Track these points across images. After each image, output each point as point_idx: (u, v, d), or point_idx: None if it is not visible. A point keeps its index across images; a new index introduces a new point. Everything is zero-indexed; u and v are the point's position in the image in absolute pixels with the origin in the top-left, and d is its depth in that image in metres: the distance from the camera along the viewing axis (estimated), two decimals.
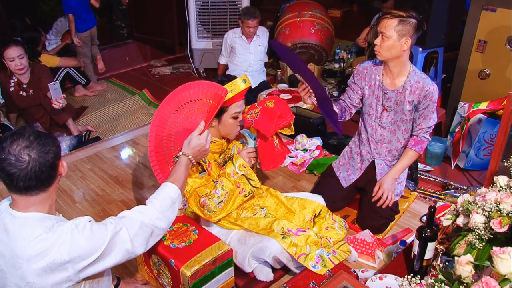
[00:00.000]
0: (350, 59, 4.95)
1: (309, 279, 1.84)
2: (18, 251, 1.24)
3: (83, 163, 3.00)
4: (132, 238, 1.39)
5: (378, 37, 2.08)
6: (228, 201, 1.87)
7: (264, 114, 2.00)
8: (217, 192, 1.85)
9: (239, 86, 1.85)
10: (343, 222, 2.20)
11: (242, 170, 1.91)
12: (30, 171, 1.23)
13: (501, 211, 1.49)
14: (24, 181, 1.23)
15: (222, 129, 1.95)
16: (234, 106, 1.88)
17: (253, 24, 4.05)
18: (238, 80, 1.86)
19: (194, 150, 1.68)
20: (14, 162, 1.21)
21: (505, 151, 2.23)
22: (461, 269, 1.33)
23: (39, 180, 1.25)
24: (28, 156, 1.23)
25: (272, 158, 2.05)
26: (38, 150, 1.24)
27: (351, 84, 2.32)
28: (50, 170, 1.27)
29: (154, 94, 4.39)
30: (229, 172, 1.90)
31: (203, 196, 1.85)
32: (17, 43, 3.23)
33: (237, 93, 1.85)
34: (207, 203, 1.83)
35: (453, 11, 3.29)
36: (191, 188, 1.87)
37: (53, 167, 1.29)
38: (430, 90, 2.10)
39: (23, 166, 1.22)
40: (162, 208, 1.50)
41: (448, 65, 3.78)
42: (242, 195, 1.91)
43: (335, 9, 7.30)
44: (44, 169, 1.25)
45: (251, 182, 1.94)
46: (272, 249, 1.86)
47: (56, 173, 1.31)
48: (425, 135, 2.21)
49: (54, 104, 3.15)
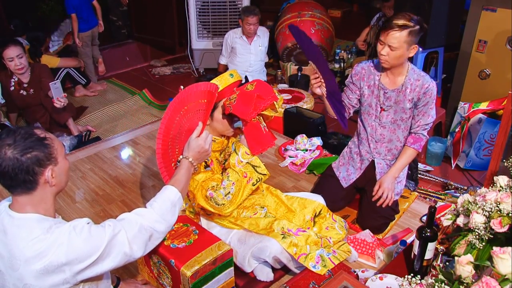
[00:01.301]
0: (350, 59, 4.95)
1: (309, 279, 1.84)
2: (15, 252, 1.24)
3: (83, 163, 3.00)
4: (130, 241, 1.37)
5: (385, 48, 2.02)
6: (237, 193, 1.84)
7: (242, 98, 1.87)
8: (223, 184, 1.82)
9: (226, 80, 1.84)
10: (343, 222, 2.20)
11: (246, 158, 1.87)
12: (3, 169, 1.22)
13: (501, 211, 1.49)
14: (1, 178, 1.24)
15: (217, 127, 1.93)
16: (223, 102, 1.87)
17: (253, 21, 4.05)
18: (226, 74, 1.85)
19: (194, 152, 1.67)
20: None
21: (505, 151, 2.23)
22: (461, 269, 1.33)
23: (13, 181, 1.23)
24: (4, 154, 1.21)
25: (260, 141, 1.94)
26: (16, 150, 1.22)
27: (349, 84, 2.31)
28: (25, 174, 1.23)
29: (154, 94, 4.40)
30: (233, 163, 1.87)
31: (209, 188, 1.83)
32: (16, 43, 3.23)
33: (226, 87, 1.83)
34: (213, 195, 1.81)
35: (453, 11, 3.29)
36: (197, 183, 1.86)
37: (29, 172, 1.23)
38: (430, 87, 2.11)
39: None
40: (162, 211, 1.49)
41: (448, 65, 3.78)
42: (250, 184, 1.87)
43: (335, 9, 7.30)
44: (17, 171, 1.22)
45: (257, 169, 1.90)
46: (272, 249, 1.86)
47: (36, 178, 1.26)
48: (423, 133, 2.21)
49: (56, 103, 3.16)
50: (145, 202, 1.55)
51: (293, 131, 3.22)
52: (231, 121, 1.92)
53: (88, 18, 4.41)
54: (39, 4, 4.97)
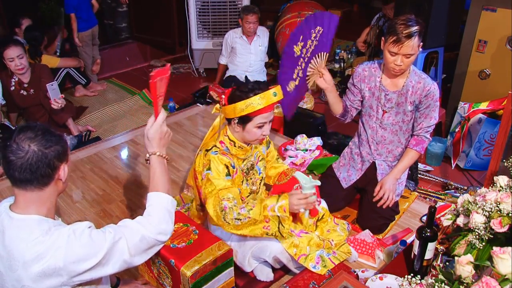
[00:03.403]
0: (350, 59, 4.95)
1: (309, 279, 1.84)
2: (14, 254, 1.24)
3: (83, 163, 3.00)
4: (130, 249, 1.35)
5: (399, 58, 2.00)
6: (246, 226, 1.75)
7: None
8: (241, 210, 1.73)
9: (270, 99, 1.78)
10: (346, 225, 2.21)
11: (281, 213, 1.74)
12: (26, 162, 1.23)
13: (501, 211, 1.49)
14: (19, 171, 1.23)
15: (246, 136, 1.88)
16: (260, 117, 1.81)
17: (252, 20, 4.05)
18: (270, 91, 1.79)
19: (156, 142, 1.51)
20: (15, 150, 1.23)
21: (505, 151, 2.23)
22: (461, 269, 1.33)
23: (33, 174, 1.24)
24: (28, 146, 1.23)
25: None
26: (40, 143, 1.24)
27: (351, 86, 2.31)
28: (46, 167, 1.26)
29: None
30: (266, 204, 1.74)
31: (225, 199, 1.75)
32: (16, 43, 3.23)
33: (267, 106, 1.79)
34: (226, 210, 1.73)
35: (453, 11, 3.29)
36: (214, 188, 1.78)
37: (51, 166, 1.27)
38: (431, 89, 2.10)
39: (21, 155, 1.22)
40: (161, 222, 1.44)
41: (448, 65, 3.78)
42: (264, 231, 1.76)
43: (335, 9, 7.27)
44: (40, 164, 1.24)
45: (281, 227, 1.77)
46: (273, 249, 1.86)
47: (53, 173, 1.29)
48: (426, 135, 2.21)
49: (53, 104, 3.16)
50: (145, 202, 1.53)
51: (293, 131, 3.22)
52: (261, 134, 1.88)
53: (88, 18, 4.40)
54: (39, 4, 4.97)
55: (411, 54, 1.99)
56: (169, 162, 1.64)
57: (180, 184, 2.72)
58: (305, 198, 1.76)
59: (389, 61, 2.04)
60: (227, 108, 1.83)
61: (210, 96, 3.94)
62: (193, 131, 3.42)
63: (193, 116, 3.71)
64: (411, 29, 1.94)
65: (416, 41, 1.96)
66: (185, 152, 3.11)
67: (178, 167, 2.92)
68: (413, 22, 1.96)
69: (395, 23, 1.98)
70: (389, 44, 1.99)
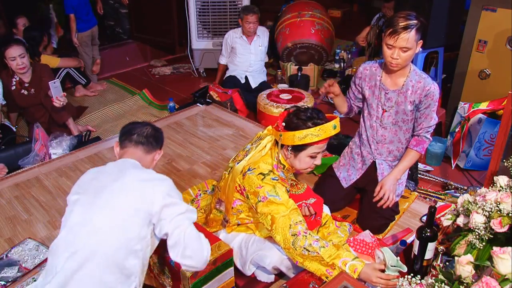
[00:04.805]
0: (350, 59, 4.95)
1: (309, 279, 1.83)
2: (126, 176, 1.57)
3: (83, 163, 3.00)
4: (186, 245, 1.50)
5: (395, 52, 2.00)
6: (312, 260, 1.70)
7: None
8: (314, 243, 1.68)
9: (329, 131, 1.77)
10: (347, 226, 2.21)
11: (349, 271, 1.65)
12: (154, 133, 1.74)
13: (501, 211, 1.49)
14: (149, 138, 1.71)
15: (296, 163, 1.87)
16: (315, 147, 1.82)
17: (252, 19, 4.06)
18: (330, 124, 1.77)
19: None
20: (141, 127, 1.73)
21: (505, 151, 2.23)
22: (461, 269, 1.33)
23: (149, 140, 1.70)
24: (147, 128, 1.74)
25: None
26: (152, 128, 1.76)
27: (353, 85, 2.33)
28: (156, 141, 1.74)
29: (154, 94, 4.39)
30: (341, 254, 1.67)
31: (298, 223, 1.71)
32: (18, 42, 3.24)
33: (324, 138, 1.79)
34: (300, 236, 1.69)
35: (453, 11, 3.29)
36: (292, 205, 1.76)
37: (159, 140, 1.76)
38: (431, 89, 2.10)
39: (143, 129, 1.72)
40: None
41: (448, 65, 3.78)
42: (326, 274, 1.68)
43: (335, 9, 7.30)
44: (159, 135, 1.77)
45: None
46: (273, 259, 1.86)
47: (156, 148, 1.74)
48: (426, 135, 2.21)
49: (55, 102, 3.16)
50: None
51: None
52: (312, 164, 1.88)
53: (88, 18, 4.40)
54: (39, 4, 4.97)
55: (407, 48, 1.98)
56: (169, 162, 1.65)
57: (180, 184, 2.72)
58: (386, 279, 1.62)
59: (386, 54, 2.05)
60: (286, 134, 1.80)
61: (210, 96, 3.94)
62: (193, 131, 3.42)
63: (193, 116, 3.71)
64: (409, 22, 1.95)
65: (413, 35, 1.96)
66: (185, 152, 3.11)
67: (178, 167, 2.91)
68: (412, 16, 1.98)
69: (395, 16, 2.01)
70: (386, 37, 2.01)
